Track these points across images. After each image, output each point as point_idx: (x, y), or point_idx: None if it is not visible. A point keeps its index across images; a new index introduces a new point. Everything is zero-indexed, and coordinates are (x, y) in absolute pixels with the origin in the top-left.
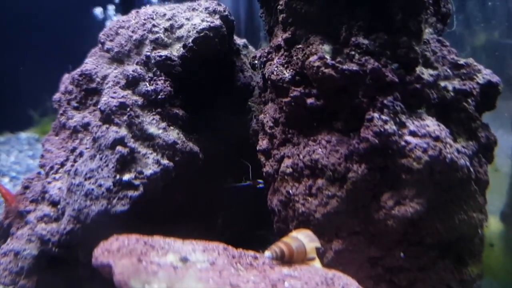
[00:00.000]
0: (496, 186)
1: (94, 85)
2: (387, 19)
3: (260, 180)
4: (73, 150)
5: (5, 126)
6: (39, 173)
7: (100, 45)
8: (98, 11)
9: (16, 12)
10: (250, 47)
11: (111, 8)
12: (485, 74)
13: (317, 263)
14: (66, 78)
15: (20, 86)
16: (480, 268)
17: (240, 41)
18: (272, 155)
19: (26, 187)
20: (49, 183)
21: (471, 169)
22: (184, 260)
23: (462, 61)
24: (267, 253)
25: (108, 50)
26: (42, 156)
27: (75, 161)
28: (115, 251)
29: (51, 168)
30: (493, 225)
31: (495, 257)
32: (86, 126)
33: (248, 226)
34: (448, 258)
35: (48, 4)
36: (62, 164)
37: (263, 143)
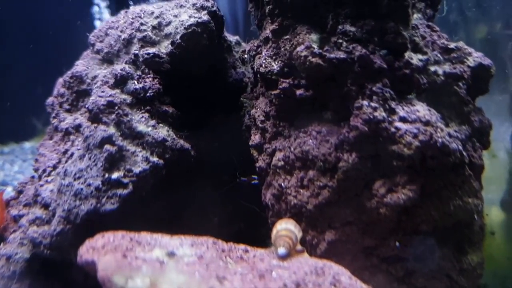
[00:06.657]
0: (495, 175)
1: (85, 86)
2: (373, 5)
3: (254, 176)
4: (65, 152)
5: (9, 136)
6: (33, 177)
7: (90, 47)
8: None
9: (19, 22)
10: (244, 44)
11: None
12: (476, 57)
13: (306, 255)
14: (59, 82)
15: (24, 97)
16: (480, 257)
17: (232, 38)
18: (264, 149)
19: (19, 192)
20: (41, 186)
21: (464, 153)
22: (171, 254)
23: (452, 45)
24: (283, 250)
25: (98, 52)
26: (36, 160)
27: (67, 162)
28: (100, 248)
29: (44, 171)
30: (494, 214)
31: (497, 246)
32: (77, 128)
33: (247, 225)
34: (446, 247)
35: (52, 14)
36: (55, 167)
37: (255, 138)
